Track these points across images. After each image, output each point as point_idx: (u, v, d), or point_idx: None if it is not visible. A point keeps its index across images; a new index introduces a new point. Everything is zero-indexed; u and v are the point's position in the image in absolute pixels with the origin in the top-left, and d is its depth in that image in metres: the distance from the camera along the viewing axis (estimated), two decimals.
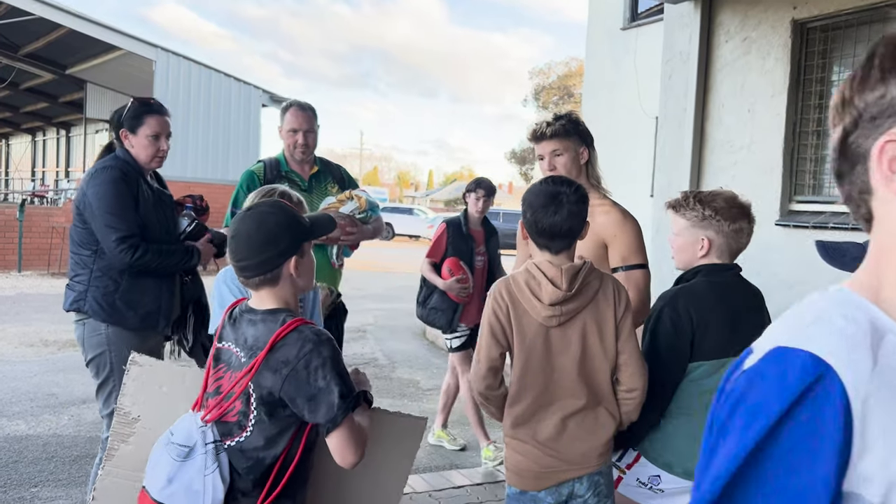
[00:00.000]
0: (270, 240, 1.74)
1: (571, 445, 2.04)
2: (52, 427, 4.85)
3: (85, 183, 2.91)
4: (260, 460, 1.73)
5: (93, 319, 2.87)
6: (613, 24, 12.95)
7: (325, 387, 1.65)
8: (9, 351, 7.01)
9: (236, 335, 1.78)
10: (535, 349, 2.02)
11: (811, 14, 4.14)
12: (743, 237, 2.27)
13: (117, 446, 2.01)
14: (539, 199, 2.02)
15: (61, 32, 15.54)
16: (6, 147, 33.87)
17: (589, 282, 2.02)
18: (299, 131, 3.42)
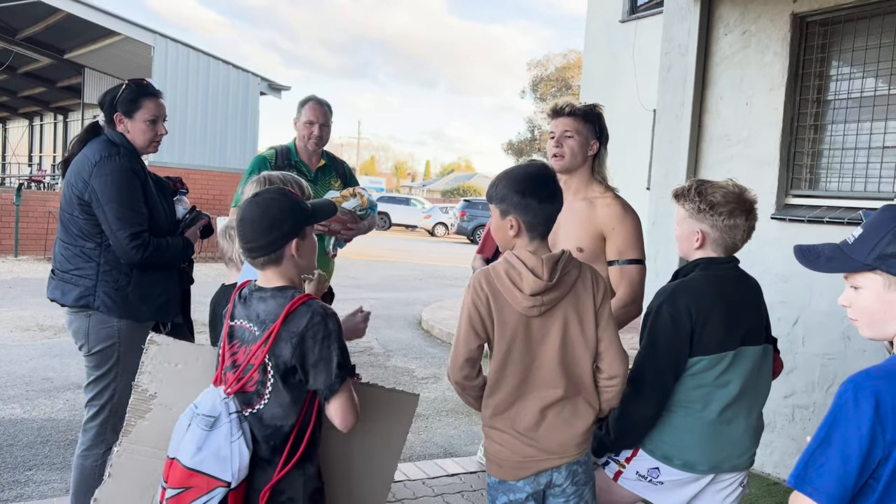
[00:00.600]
0: (274, 223, 1.88)
1: (550, 435, 2.04)
2: (46, 411, 4.87)
3: (88, 171, 2.75)
4: (278, 428, 1.87)
5: (100, 313, 2.77)
6: (612, 16, 12.93)
7: (327, 356, 1.83)
8: (4, 335, 7.01)
9: (248, 312, 1.92)
10: (516, 340, 2.01)
11: (811, 8, 4.14)
12: (738, 233, 2.23)
13: (134, 422, 2.07)
14: (536, 184, 1.99)
15: (60, 17, 15.42)
16: (3, 132, 33.71)
17: (568, 271, 2.02)
18: (316, 124, 3.68)
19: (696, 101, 4.74)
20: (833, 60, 4.22)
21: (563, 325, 2.03)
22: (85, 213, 2.77)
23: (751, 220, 2.27)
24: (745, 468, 2.31)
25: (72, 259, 2.80)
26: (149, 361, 2.09)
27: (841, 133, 4.17)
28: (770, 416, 4.29)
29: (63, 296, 2.81)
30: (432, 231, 30.37)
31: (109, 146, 2.81)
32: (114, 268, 2.78)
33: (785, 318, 4.22)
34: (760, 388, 2.33)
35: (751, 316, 2.26)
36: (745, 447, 2.28)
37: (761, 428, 2.36)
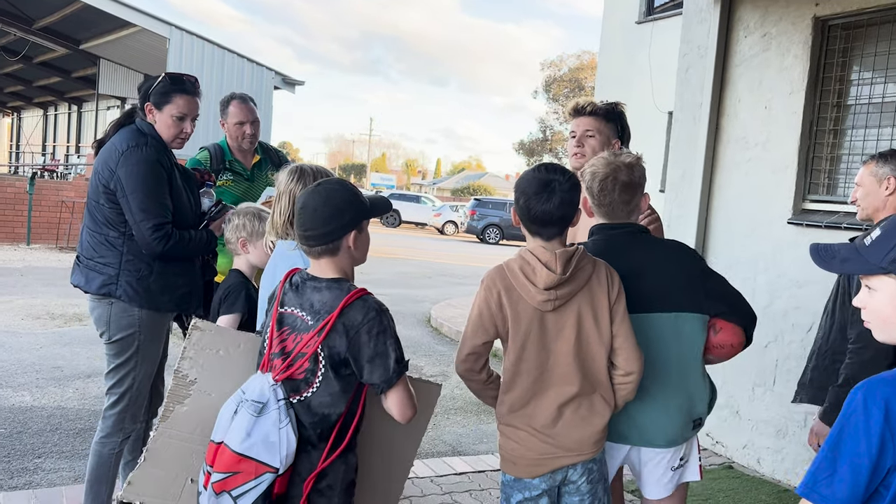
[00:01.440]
0: (335, 213, 1.90)
1: (567, 432, 2.04)
2: (56, 399, 4.88)
3: (115, 160, 2.74)
4: (326, 416, 1.89)
5: (122, 302, 2.78)
6: (628, 17, 12.87)
7: (384, 351, 1.85)
8: (15, 323, 7.04)
9: (301, 300, 1.92)
10: (531, 335, 2.03)
11: (833, 11, 4.09)
12: (605, 197, 2.22)
13: (173, 407, 2.07)
14: (532, 186, 2.03)
15: (76, 7, 15.49)
16: (18, 120, 33.93)
17: (582, 266, 2.03)
18: (246, 122, 3.60)
19: (714, 103, 4.70)
20: (854, 65, 4.17)
21: (578, 320, 2.03)
22: (110, 202, 2.77)
23: (606, 182, 2.22)
24: (664, 446, 2.20)
25: (97, 247, 2.82)
26: (190, 347, 2.08)
27: (861, 139, 4.12)
28: (782, 423, 4.25)
29: (87, 283, 2.83)
30: (442, 229, 30.36)
31: (137, 136, 2.81)
32: (137, 257, 2.78)
33: (799, 324, 4.18)
34: (676, 359, 2.19)
35: (648, 280, 2.16)
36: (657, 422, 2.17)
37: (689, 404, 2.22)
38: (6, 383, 5.12)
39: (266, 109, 16.19)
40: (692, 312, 2.20)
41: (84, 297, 2.91)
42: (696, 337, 2.22)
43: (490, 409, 5.13)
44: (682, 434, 2.24)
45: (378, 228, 29.51)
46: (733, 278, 4.47)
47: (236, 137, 3.64)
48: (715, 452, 4.66)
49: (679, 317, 2.18)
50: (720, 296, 2.26)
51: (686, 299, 2.19)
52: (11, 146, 34.41)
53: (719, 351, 2.27)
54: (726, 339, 2.26)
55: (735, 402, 4.54)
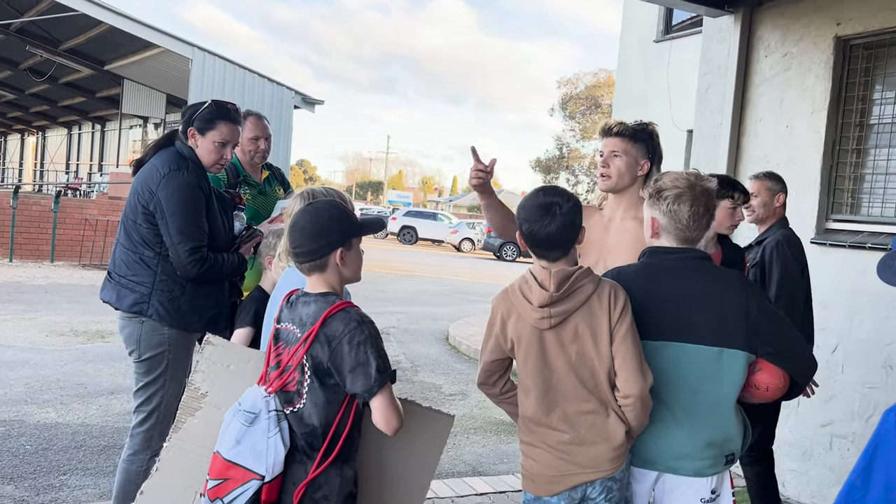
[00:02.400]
0: (322, 231, 1.98)
1: (582, 449, 2.05)
2: (80, 416, 4.93)
3: (156, 182, 2.80)
4: (314, 427, 1.94)
5: (152, 321, 2.83)
6: (646, 35, 12.89)
7: (365, 361, 1.89)
8: (40, 339, 7.14)
9: (293, 316, 2.01)
10: (532, 352, 2.07)
11: (855, 31, 4.09)
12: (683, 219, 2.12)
13: (185, 419, 2.15)
14: (533, 212, 2.07)
15: (102, 29, 15.81)
16: (43, 139, 34.53)
17: (581, 286, 2.04)
18: (261, 138, 3.75)
19: (735, 122, 4.70)
20: (877, 84, 4.16)
21: (576, 338, 2.05)
22: (148, 223, 2.83)
23: (696, 206, 2.13)
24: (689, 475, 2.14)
25: (131, 265, 2.87)
26: (203, 361, 2.16)
27: (885, 158, 4.10)
28: (807, 445, 4.20)
29: (118, 300, 2.87)
30: (459, 246, 30.39)
31: (179, 159, 2.87)
32: (170, 278, 2.83)
33: (824, 344, 4.14)
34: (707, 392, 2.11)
35: (689, 309, 2.10)
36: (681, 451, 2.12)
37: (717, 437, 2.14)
38: (31, 400, 5.19)
39: (286, 128, 16.37)
40: (738, 350, 2.11)
41: (109, 314, 2.96)
42: (737, 375, 2.13)
43: (510, 429, 5.11)
44: (713, 467, 2.17)
45: (395, 246, 29.59)
46: None
47: (249, 152, 3.75)
48: (738, 474, 4.60)
49: (723, 352, 2.11)
50: (771, 338, 2.15)
51: (733, 335, 2.11)
52: (36, 165, 34.99)
53: (753, 391, 2.18)
54: (763, 381, 2.17)
55: None
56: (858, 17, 4.06)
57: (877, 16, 3.97)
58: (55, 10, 14.88)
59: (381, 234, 33.19)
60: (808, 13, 4.33)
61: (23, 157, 36.89)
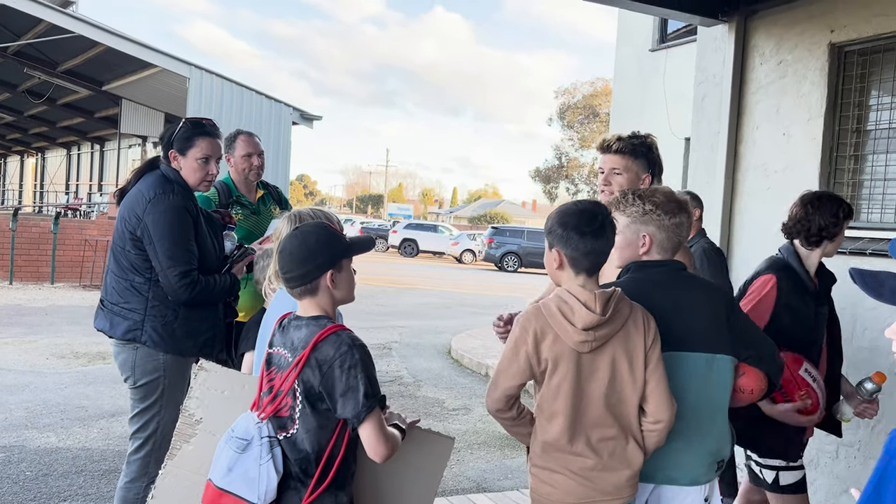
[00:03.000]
0: (310, 255, 1.96)
1: (606, 476, 2.02)
2: (81, 440, 4.90)
3: (142, 207, 2.78)
4: (307, 453, 1.92)
5: (147, 347, 2.80)
6: (642, 45, 12.93)
7: (355, 385, 1.87)
8: (40, 362, 7.12)
9: (285, 340, 1.99)
10: (567, 376, 2.00)
11: (849, 38, 4.09)
12: (683, 231, 2.24)
13: (179, 446, 2.13)
14: (584, 221, 1.99)
15: (99, 50, 15.87)
16: (42, 161, 34.63)
17: (620, 308, 2.01)
18: (254, 154, 3.73)
19: (732, 130, 4.69)
20: (873, 90, 4.15)
21: (612, 363, 2.01)
22: (136, 248, 2.80)
23: (690, 217, 2.27)
24: (686, 484, 2.16)
25: (122, 292, 2.84)
26: (197, 387, 2.14)
27: (882, 163, 4.08)
28: (812, 454, 4.16)
29: (112, 328, 2.85)
30: (460, 258, 30.37)
31: (164, 183, 2.85)
32: (162, 303, 2.81)
33: None
34: (709, 401, 2.16)
35: (683, 319, 2.14)
36: (682, 461, 2.15)
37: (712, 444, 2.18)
38: (32, 424, 5.16)
39: (285, 145, 16.39)
40: (726, 355, 2.18)
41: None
42: (728, 380, 2.20)
43: (515, 444, 5.07)
44: (706, 475, 2.20)
45: (396, 259, 29.58)
46: None
47: (243, 170, 3.74)
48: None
49: (714, 358, 2.15)
50: (751, 341, 2.25)
51: (722, 341, 2.17)
52: (36, 186, 35.07)
53: (738, 395, 2.24)
54: (747, 384, 2.23)
55: None
56: (852, 24, 4.06)
57: (871, 22, 3.97)
58: (52, 32, 14.95)
59: (383, 248, 33.21)
60: (801, 21, 4.33)
61: (22, 179, 36.99)
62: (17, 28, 16.20)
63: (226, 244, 3.03)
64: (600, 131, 36.03)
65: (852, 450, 3.98)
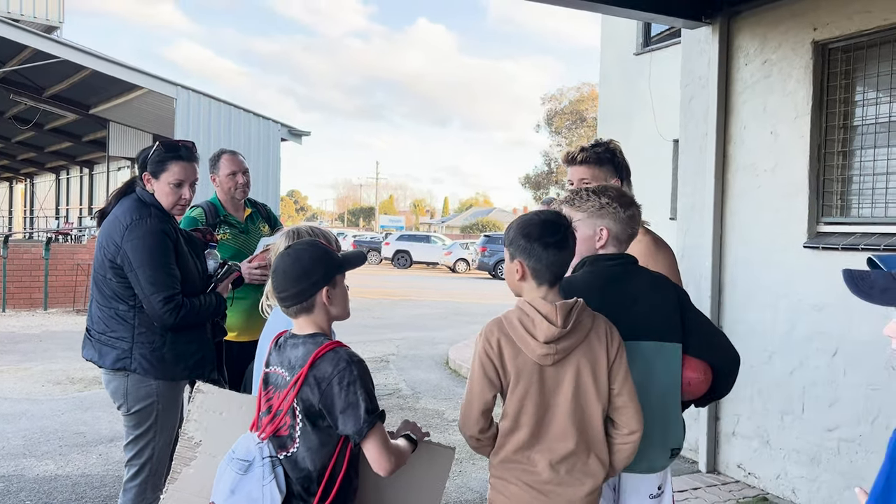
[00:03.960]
0: (304, 273, 1.97)
1: (561, 490, 1.99)
2: (80, 467, 4.86)
3: (119, 235, 2.74)
4: (309, 471, 1.92)
5: (137, 375, 2.77)
6: (626, 49, 13.01)
7: (355, 402, 1.87)
8: (36, 389, 7.05)
9: (282, 359, 1.99)
10: (530, 389, 1.97)
11: (832, 35, 4.13)
12: (635, 223, 2.30)
13: (180, 470, 2.12)
14: (546, 232, 1.98)
15: (85, 74, 15.85)
16: (31, 186, 34.49)
17: (581, 320, 1.99)
18: (238, 172, 3.70)
19: (720, 131, 4.72)
20: (858, 86, 4.19)
21: (576, 375, 1.99)
22: (118, 276, 2.76)
23: (639, 209, 2.34)
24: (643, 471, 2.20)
25: (107, 321, 2.80)
26: (195, 410, 2.14)
27: (871, 158, 4.11)
28: (814, 451, 4.17)
29: (100, 358, 2.81)
30: (454, 268, 30.35)
31: (140, 207, 2.81)
32: (148, 329, 2.77)
33: (823, 348, 4.13)
34: (657, 387, 2.18)
35: (636, 310, 2.18)
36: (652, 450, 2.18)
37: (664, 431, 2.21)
38: (30, 452, 5.11)
39: (274, 161, 16.38)
40: (673, 342, 2.23)
41: None
42: (676, 367, 2.24)
43: None
44: (660, 462, 2.25)
45: (390, 271, 29.54)
46: (753, 306, 4.46)
47: (229, 188, 3.71)
48: (748, 484, 4.56)
49: (662, 346, 2.21)
50: (697, 330, 2.29)
51: (670, 330, 2.22)
52: (25, 211, 34.91)
53: (685, 388, 2.27)
54: (686, 375, 2.26)
55: (764, 432, 4.46)
56: (835, 22, 4.10)
57: (852, 19, 4.01)
58: (37, 58, 14.92)
59: (376, 260, 33.17)
60: (784, 20, 4.37)
61: (12, 205, 36.82)
62: (2, 55, 16.17)
63: (209, 263, 2.99)
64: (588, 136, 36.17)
65: (854, 445, 3.99)
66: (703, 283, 4.72)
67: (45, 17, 19.83)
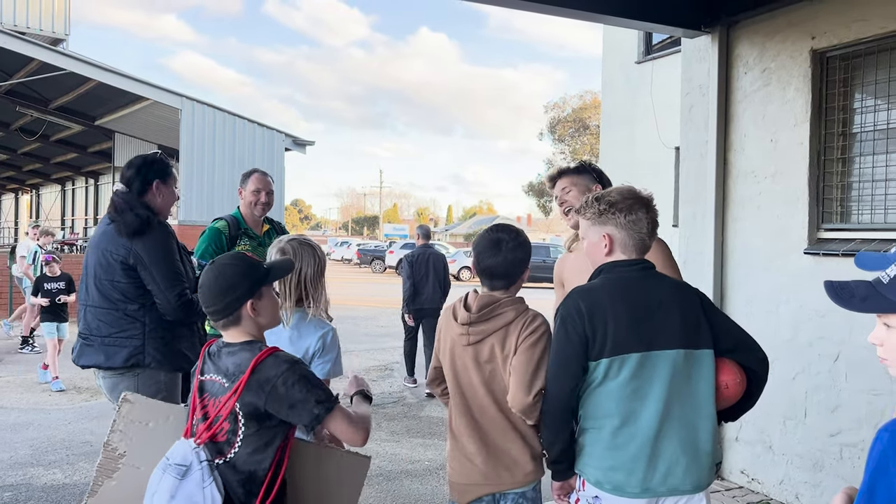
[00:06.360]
0: (227, 288, 2.04)
1: (489, 461, 2.25)
2: (87, 475, 4.89)
3: (128, 238, 2.94)
4: (252, 473, 1.99)
5: (150, 370, 2.93)
6: (628, 57, 13.08)
7: (303, 398, 1.96)
8: (43, 399, 7.11)
9: (217, 366, 2.05)
10: (455, 365, 2.33)
11: (830, 43, 4.17)
12: (642, 227, 2.18)
13: (101, 482, 2.06)
14: (482, 243, 2.35)
15: (90, 85, 15.98)
16: (37, 197, 34.67)
17: (502, 312, 2.27)
18: (263, 191, 4.07)
19: (720, 139, 4.76)
20: (856, 93, 4.23)
21: (490, 358, 2.28)
22: (129, 277, 2.93)
23: (651, 213, 2.22)
24: (690, 491, 2.10)
25: (114, 323, 2.93)
26: (120, 420, 2.09)
27: (870, 165, 4.15)
28: (817, 456, 4.19)
29: (108, 359, 2.92)
30: (458, 275, 30.35)
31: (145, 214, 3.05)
32: (158, 325, 2.97)
33: (825, 354, 4.15)
34: (694, 399, 2.11)
35: (660, 317, 2.09)
36: (684, 466, 2.08)
37: (707, 444, 2.13)
38: (37, 462, 5.15)
39: (278, 171, 16.46)
40: (703, 349, 2.13)
41: None
42: (710, 374, 2.14)
43: None
44: (708, 476, 2.14)
45: (394, 279, 29.52)
46: (755, 312, 4.49)
47: (251, 203, 4.05)
48: (751, 490, 4.58)
49: (692, 353, 2.11)
50: (726, 332, 2.19)
51: (699, 336, 2.13)
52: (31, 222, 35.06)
53: (721, 393, 2.17)
54: (723, 379, 2.17)
55: (767, 438, 4.48)
56: (832, 30, 4.14)
57: (850, 27, 4.05)
58: (44, 70, 15.05)
59: (380, 269, 33.16)
60: (782, 29, 4.41)
61: (17, 216, 37.00)
62: (8, 67, 16.32)
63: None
64: (591, 144, 36.23)
65: (856, 450, 4.00)
66: (705, 289, 4.74)
67: (52, 29, 19.99)
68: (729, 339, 2.19)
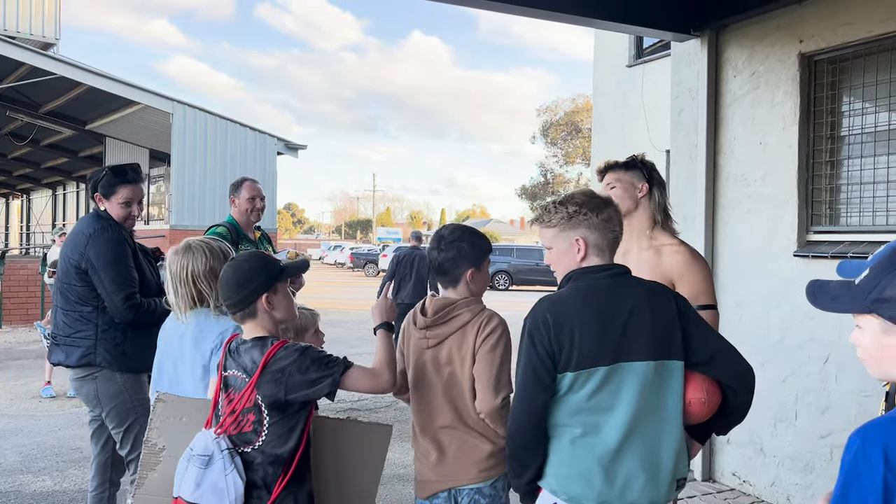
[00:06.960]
0: (244, 282, 2.18)
1: (444, 459, 2.33)
2: (77, 482, 4.86)
3: (83, 243, 3.12)
4: (280, 455, 2.13)
5: (106, 371, 3.07)
6: (619, 61, 13.12)
7: (318, 377, 2.10)
8: (33, 405, 7.06)
9: (237, 362, 2.18)
10: (417, 368, 2.39)
11: (818, 47, 4.19)
12: (614, 226, 2.09)
13: (146, 475, 2.28)
14: (431, 244, 2.44)
15: (81, 90, 15.90)
16: (28, 202, 34.49)
17: (458, 314, 2.34)
18: (257, 198, 4.27)
19: (710, 142, 4.78)
20: (844, 97, 4.25)
21: (449, 360, 2.34)
22: (82, 281, 3.11)
23: (618, 212, 2.14)
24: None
25: (72, 324, 3.14)
26: (156, 418, 2.32)
27: (858, 168, 4.17)
28: (808, 457, 4.20)
29: (67, 357, 3.12)
30: None
31: (100, 220, 3.23)
32: (111, 327, 3.12)
33: (815, 356, 4.16)
34: (661, 413, 2.00)
35: (631, 327, 1.97)
36: (642, 481, 1.98)
37: (669, 461, 2.03)
38: (27, 469, 5.12)
39: (270, 174, 16.43)
40: (673, 360, 2.02)
41: None
42: (679, 387, 2.03)
43: None
44: (668, 493, 2.04)
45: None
46: (745, 315, 4.50)
47: (246, 210, 4.22)
48: (743, 492, 4.59)
49: (662, 365, 2.00)
50: (703, 344, 2.06)
51: (669, 345, 2.01)
52: (22, 227, 34.89)
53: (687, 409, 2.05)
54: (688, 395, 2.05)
55: (758, 439, 4.49)
56: (820, 34, 4.17)
57: (837, 31, 4.08)
58: (34, 74, 14.99)
59: (374, 272, 33.13)
60: (771, 33, 4.44)
61: (8, 221, 36.80)
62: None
63: (162, 274, 3.29)
64: (583, 147, 36.29)
65: None
66: None
67: (42, 33, 19.91)
68: (705, 351, 2.05)
